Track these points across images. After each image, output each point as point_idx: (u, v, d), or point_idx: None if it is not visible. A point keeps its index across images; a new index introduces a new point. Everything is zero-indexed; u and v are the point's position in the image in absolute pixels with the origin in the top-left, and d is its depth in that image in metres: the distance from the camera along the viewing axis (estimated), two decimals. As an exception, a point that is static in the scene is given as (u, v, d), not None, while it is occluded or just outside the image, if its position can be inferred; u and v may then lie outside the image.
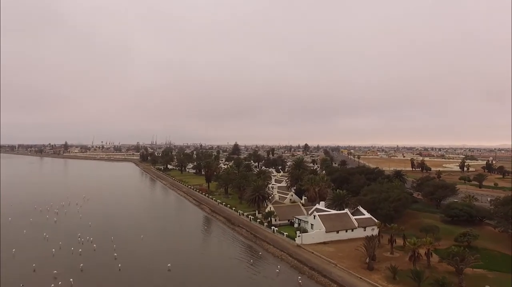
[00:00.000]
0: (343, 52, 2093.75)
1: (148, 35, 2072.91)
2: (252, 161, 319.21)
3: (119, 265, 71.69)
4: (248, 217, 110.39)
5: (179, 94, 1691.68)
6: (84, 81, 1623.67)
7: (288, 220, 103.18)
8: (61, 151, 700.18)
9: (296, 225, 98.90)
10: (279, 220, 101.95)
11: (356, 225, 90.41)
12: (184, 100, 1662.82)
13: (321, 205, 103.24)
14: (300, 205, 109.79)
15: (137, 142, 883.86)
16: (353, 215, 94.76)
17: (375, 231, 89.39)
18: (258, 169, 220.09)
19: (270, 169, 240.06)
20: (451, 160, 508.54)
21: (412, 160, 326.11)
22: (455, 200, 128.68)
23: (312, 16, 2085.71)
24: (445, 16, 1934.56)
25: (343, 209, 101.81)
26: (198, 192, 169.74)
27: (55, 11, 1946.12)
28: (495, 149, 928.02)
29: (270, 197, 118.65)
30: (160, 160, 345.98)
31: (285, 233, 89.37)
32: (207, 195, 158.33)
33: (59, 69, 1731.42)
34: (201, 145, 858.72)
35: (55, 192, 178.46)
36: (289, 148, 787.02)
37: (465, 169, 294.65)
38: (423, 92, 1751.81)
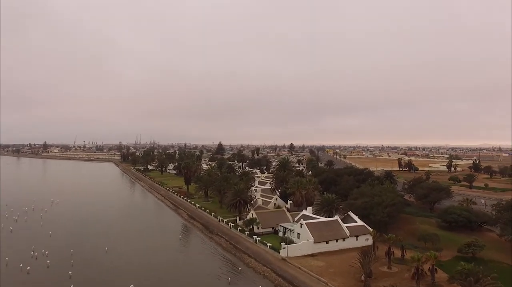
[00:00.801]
0: (328, 52, 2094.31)
1: (136, 33, 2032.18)
2: (236, 161, 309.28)
3: (71, 286, 60.47)
4: (228, 224, 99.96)
5: (165, 94, 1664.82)
6: (67, 80, 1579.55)
7: (272, 228, 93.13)
8: (40, 151, 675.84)
9: (281, 234, 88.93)
10: (262, 228, 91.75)
11: (348, 234, 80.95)
12: (170, 100, 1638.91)
13: (308, 211, 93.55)
14: (285, 211, 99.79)
15: (120, 142, 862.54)
16: (343, 222, 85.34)
17: (369, 241, 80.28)
18: (241, 170, 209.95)
19: (254, 170, 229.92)
20: (436, 159, 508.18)
21: (399, 160, 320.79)
22: (441, 203, 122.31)
23: (299, 16, 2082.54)
24: (431, 19, 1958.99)
25: (333, 215, 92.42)
26: (177, 195, 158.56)
27: (37, 6, 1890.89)
28: (477, 148, 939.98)
29: (252, 202, 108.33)
30: (140, 160, 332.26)
31: (268, 244, 79.19)
32: (185, 198, 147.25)
33: (41, 67, 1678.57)
34: (185, 145, 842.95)
35: (21, 195, 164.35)
36: (274, 148, 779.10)
37: (453, 169, 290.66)
38: (406, 93, 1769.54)
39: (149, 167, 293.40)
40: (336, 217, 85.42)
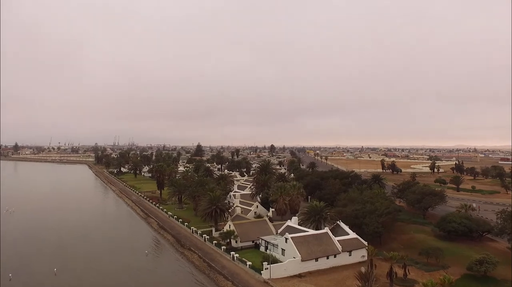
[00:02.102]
0: (305, 54, 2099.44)
1: (110, 37, 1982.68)
2: (214, 163, 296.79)
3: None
4: (203, 236, 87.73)
5: (144, 95, 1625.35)
6: (44, 83, 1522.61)
7: (253, 241, 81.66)
8: (10, 152, 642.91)
9: (262, 249, 77.69)
10: (241, 241, 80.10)
11: (340, 249, 70.27)
12: (149, 101, 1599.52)
13: (293, 222, 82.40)
14: (267, 221, 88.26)
15: (96, 143, 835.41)
16: (333, 233, 74.52)
17: (364, 257, 70.08)
18: (220, 173, 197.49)
19: (234, 173, 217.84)
20: (416, 161, 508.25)
21: (382, 162, 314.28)
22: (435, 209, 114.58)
23: (275, 17, 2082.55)
24: (399, 24, 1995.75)
25: (321, 226, 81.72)
26: (148, 201, 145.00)
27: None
28: (453, 149, 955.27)
29: (230, 210, 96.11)
30: (114, 162, 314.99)
31: (248, 263, 67.43)
32: (157, 205, 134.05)
33: (15, 69, 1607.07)
34: (164, 146, 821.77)
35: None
36: (254, 149, 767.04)
37: (436, 170, 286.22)
38: (382, 95, 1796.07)
39: (123, 169, 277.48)
40: (326, 230, 74.41)
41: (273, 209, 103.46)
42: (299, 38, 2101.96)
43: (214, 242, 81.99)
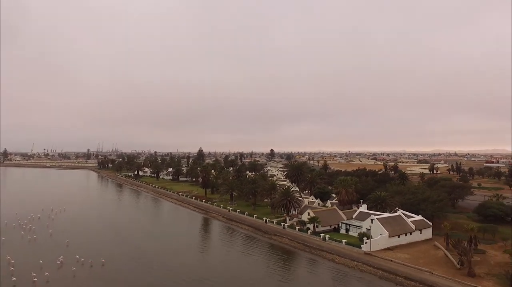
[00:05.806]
0: (282, 62, 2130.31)
1: (95, 45, 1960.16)
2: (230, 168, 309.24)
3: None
4: (281, 224, 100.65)
5: (125, 102, 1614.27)
6: (19, 88, 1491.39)
7: (330, 226, 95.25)
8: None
9: (342, 231, 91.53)
10: (322, 226, 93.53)
11: (414, 227, 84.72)
12: (131, 108, 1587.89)
13: (364, 208, 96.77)
14: (337, 209, 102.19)
15: (88, 149, 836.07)
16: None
17: (430, 235, 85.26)
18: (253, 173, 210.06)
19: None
20: (407, 164, 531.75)
21: (384, 164, 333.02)
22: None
23: (254, 26, 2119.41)
24: (379, 28, 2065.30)
25: (386, 212, 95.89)
26: (195, 199, 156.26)
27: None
28: (435, 153, 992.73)
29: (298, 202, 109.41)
30: (126, 167, 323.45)
31: (343, 241, 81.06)
32: (209, 202, 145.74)
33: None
34: (155, 152, 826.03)
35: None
36: (240, 154, 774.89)
37: (435, 171, 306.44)
38: (358, 102, 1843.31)
39: (139, 173, 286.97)
40: (399, 213, 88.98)
41: (332, 201, 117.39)
42: (275, 44, 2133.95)
43: (297, 228, 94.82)
